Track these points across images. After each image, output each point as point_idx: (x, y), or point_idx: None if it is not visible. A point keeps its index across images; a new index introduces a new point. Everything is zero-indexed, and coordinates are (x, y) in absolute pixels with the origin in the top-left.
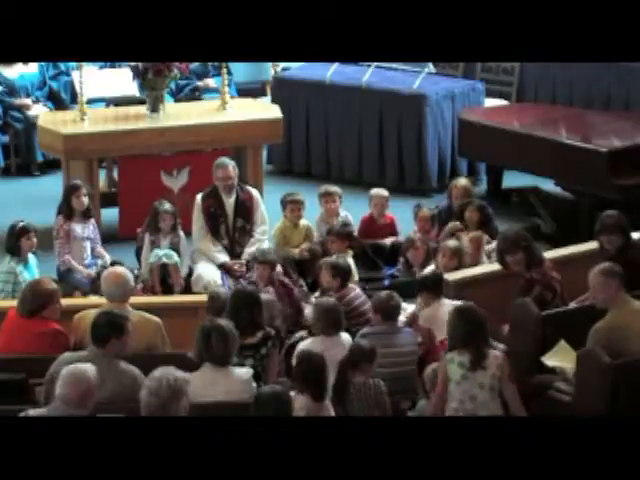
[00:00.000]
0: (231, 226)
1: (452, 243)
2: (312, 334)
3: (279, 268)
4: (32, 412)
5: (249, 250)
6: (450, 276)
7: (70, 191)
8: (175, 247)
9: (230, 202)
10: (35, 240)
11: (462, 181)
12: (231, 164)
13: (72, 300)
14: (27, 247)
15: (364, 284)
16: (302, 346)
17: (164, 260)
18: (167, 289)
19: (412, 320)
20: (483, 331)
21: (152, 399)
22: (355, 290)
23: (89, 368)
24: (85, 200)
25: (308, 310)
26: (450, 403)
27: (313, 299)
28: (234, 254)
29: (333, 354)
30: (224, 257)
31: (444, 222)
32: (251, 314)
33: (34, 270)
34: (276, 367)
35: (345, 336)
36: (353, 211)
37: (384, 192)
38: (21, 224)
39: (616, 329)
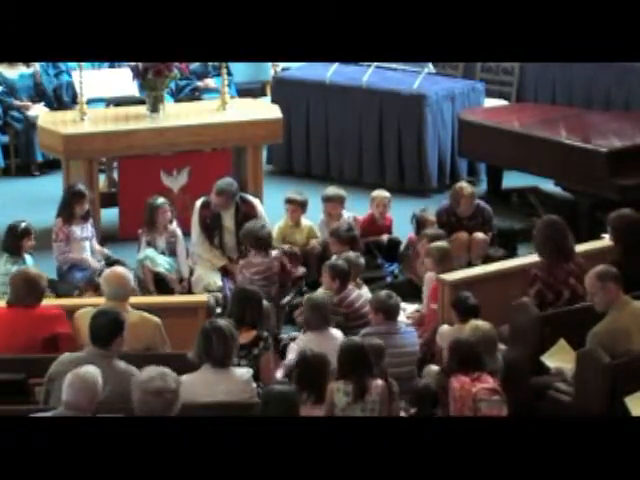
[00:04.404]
0: (229, 239)
1: (438, 245)
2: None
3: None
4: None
5: None
6: (449, 276)
7: (74, 198)
8: (172, 247)
9: (229, 214)
10: (34, 241)
11: (468, 188)
12: (227, 194)
13: (72, 300)
14: (27, 248)
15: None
16: (297, 344)
17: (159, 269)
18: (168, 290)
19: (419, 320)
20: (365, 364)
21: (157, 398)
22: (356, 291)
23: (96, 373)
24: (86, 205)
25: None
26: None
27: None
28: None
29: (325, 349)
30: (222, 262)
31: (446, 223)
32: (250, 310)
33: None
34: (269, 368)
35: (335, 331)
36: (353, 211)
37: (386, 193)
38: (23, 225)
39: (614, 331)
